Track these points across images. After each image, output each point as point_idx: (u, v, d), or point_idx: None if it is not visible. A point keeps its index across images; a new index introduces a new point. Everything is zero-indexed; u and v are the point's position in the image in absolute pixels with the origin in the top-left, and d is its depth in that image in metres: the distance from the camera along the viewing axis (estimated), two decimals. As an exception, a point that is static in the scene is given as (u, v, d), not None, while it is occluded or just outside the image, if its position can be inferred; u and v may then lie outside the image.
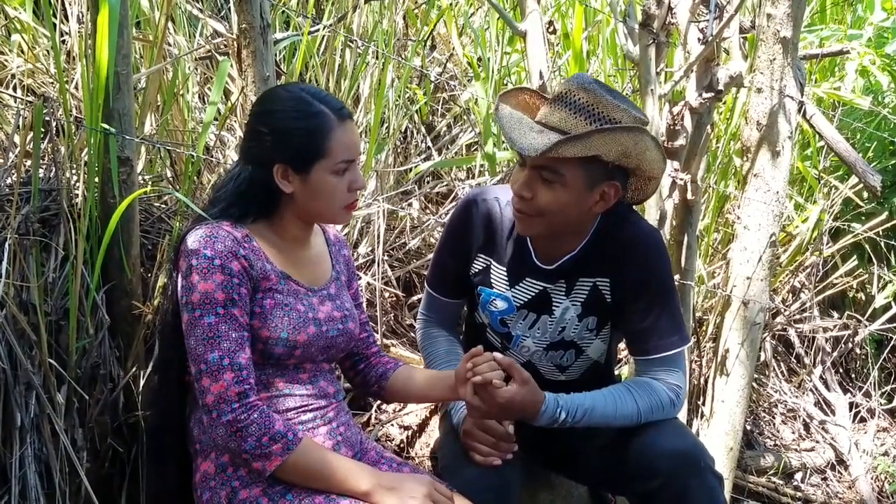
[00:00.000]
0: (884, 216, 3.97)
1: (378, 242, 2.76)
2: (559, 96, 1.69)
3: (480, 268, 1.91)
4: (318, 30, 2.83)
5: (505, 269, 1.88)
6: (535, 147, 1.62)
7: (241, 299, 1.51)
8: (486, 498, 1.65)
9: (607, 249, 1.79)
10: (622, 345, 2.21)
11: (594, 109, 1.65)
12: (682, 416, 2.78)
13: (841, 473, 3.65)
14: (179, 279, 1.53)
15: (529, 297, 1.86)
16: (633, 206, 1.90)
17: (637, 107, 1.72)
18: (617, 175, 1.71)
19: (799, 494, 3.37)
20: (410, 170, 3.23)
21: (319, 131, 1.55)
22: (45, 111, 1.77)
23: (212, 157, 2.42)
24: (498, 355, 1.66)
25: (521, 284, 1.86)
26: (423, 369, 1.85)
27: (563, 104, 1.68)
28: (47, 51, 2.43)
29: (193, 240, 1.52)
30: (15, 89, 2.27)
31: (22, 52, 2.34)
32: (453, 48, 3.52)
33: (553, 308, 1.85)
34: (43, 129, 1.80)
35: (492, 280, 1.89)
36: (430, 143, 3.43)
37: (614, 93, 1.70)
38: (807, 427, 3.85)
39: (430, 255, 2.81)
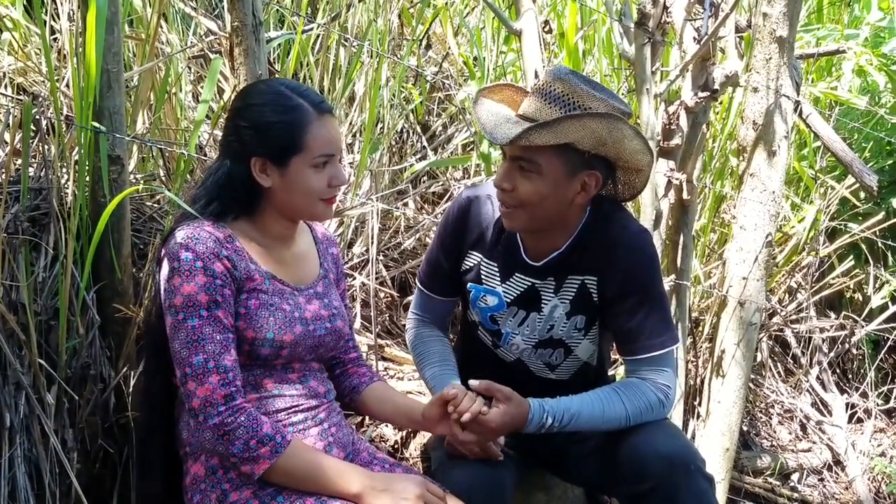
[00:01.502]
0: (880, 216, 3.97)
1: (373, 242, 2.75)
2: (537, 89, 1.71)
3: (472, 264, 1.90)
4: (312, 28, 2.82)
5: (496, 265, 1.87)
6: (506, 136, 1.63)
7: (225, 301, 1.50)
8: (479, 499, 1.64)
9: (595, 247, 1.79)
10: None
11: (569, 99, 1.65)
12: (678, 416, 2.77)
13: (838, 474, 3.65)
14: (162, 282, 1.52)
15: (518, 293, 1.85)
16: (625, 205, 1.89)
17: (619, 97, 1.71)
18: (597, 165, 1.70)
19: (795, 495, 3.36)
20: (405, 169, 3.22)
21: (297, 125, 1.54)
22: (35, 109, 1.76)
23: (204, 155, 2.41)
24: (473, 382, 1.67)
25: (510, 280, 1.86)
26: (393, 393, 1.84)
27: (539, 95, 1.69)
28: (38, 49, 2.41)
29: (175, 242, 1.50)
30: (5, 87, 2.26)
31: (12, 49, 2.32)
32: (449, 47, 3.51)
33: (542, 305, 1.84)
34: (33, 128, 1.78)
35: (482, 276, 1.89)
36: (425, 143, 3.42)
37: (593, 83, 1.70)
38: (803, 428, 3.84)
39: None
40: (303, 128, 1.54)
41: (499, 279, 1.87)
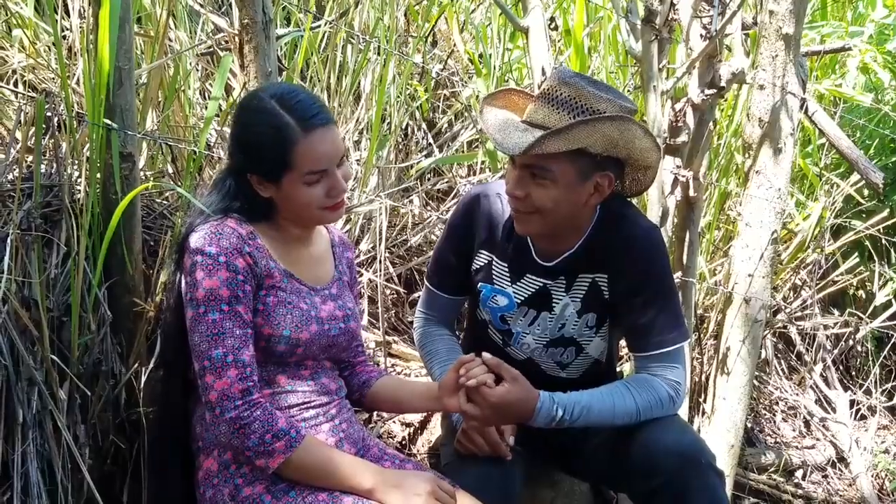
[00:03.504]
0: (885, 213, 3.97)
1: (380, 239, 2.76)
2: (542, 93, 1.70)
3: (482, 264, 1.91)
4: (319, 26, 2.83)
5: (506, 265, 1.88)
6: (518, 146, 1.63)
7: (246, 296, 1.51)
8: (488, 495, 1.64)
9: (605, 246, 1.79)
10: (623, 343, 2.20)
11: (576, 102, 1.64)
12: (684, 413, 2.77)
13: (841, 471, 3.65)
14: (183, 276, 1.53)
15: (530, 293, 1.86)
16: (633, 201, 1.89)
17: (624, 95, 1.71)
18: (608, 165, 1.70)
19: (800, 492, 3.37)
20: (412, 166, 3.23)
21: (282, 145, 1.52)
22: (46, 106, 1.76)
23: (213, 153, 2.41)
24: (486, 356, 1.67)
25: (521, 281, 1.86)
26: (406, 380, 1.85)
27: (546, 101, 1.68)
28: (49, 46, 2.42)
29: (198, 236, 1.51)
30: (16, 85, 2.26)
31: (23, 47, 2.33)
32: (454, 44, 3.51)
33: (553, 305, 1.85)
34: (44, 125, 1.79)
35: (493, 276, 1.89)
36: (431, 140, 3.42)
37: (597, 84, 1.69)
38: (807, 424, 3.85)
39: (432, 252, 2.81)
40: (289, 148, 1.52)
41: (509, 280, 1.87)
